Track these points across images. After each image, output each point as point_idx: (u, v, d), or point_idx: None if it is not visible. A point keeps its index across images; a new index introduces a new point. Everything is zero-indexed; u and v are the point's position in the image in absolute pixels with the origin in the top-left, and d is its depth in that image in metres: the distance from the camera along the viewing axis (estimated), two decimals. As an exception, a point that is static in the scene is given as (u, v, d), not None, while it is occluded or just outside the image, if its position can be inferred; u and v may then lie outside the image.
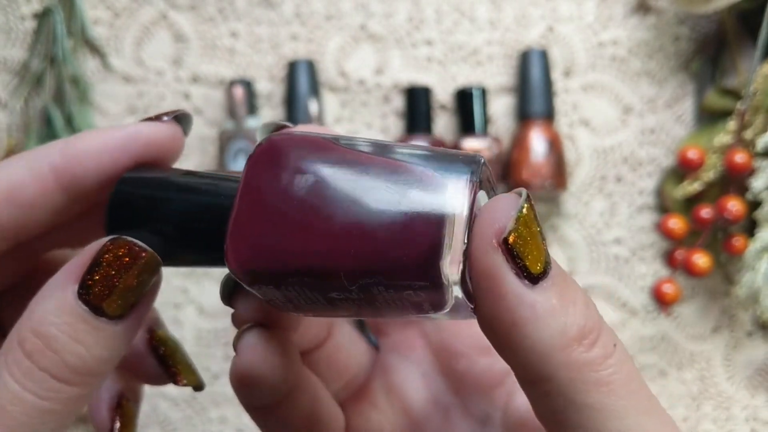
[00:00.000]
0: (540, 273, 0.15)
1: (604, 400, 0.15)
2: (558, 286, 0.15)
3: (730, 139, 0.52)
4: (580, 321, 0.15)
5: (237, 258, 0.17)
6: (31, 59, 0.57)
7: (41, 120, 0.56)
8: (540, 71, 0.56)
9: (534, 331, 0.15)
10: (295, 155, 0.17)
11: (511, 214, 0.15)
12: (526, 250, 0.15)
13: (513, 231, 0.15)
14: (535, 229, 0.15)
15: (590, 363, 0.15)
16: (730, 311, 0.57)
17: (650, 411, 0.16)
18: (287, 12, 0.58)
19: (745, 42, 0.55)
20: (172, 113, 0.21)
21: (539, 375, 0.16)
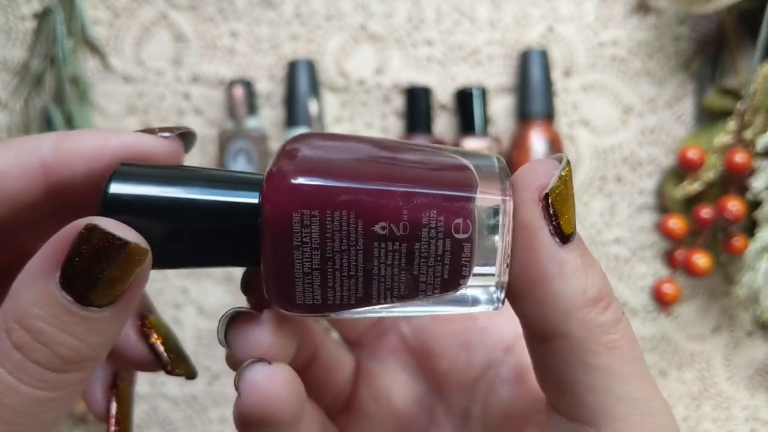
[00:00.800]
0: (570, 234, 0.16)
1: (612, 362, 0.16)
2: (581, 250, 0.16)
3: (730, 139, 0.52)
4: (599, 284, 0.16)
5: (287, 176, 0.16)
6: (31, 59, 0.57)
7: (41, 120, 0.56)
8: (540, 71, 0.56)
9: (559, 286, 0.16)
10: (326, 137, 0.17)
11: (553, 173, 0.16)
12: (563, 210, 0.16)
13: (554, 189, 0.16)
14: (572, 192, 0.16)
15: (604, 325, 0.16)
16: (730, 311, 0.57)
17: (648, 379, 0.17)
18: (287, 12, 0.58)
19: (745, 42, 0.55)
20: (177, 130, 0.19)
21: (557, 331, 0.16)
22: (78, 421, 0.55)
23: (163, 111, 0.57)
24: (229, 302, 0.57)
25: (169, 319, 0.57)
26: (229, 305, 0.57)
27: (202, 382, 0.57)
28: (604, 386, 0.16)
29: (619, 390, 0.16)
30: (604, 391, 0.16)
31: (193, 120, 0.57)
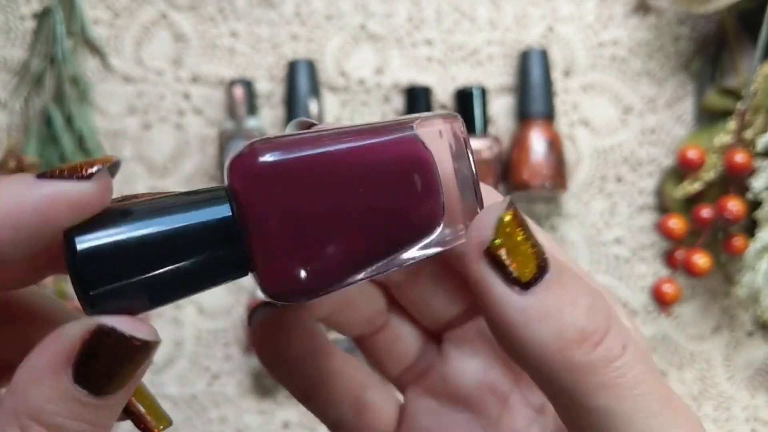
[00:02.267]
0: (531, 278, 0.15)
1: (611, 403, 0.15)
2: (554, 288, 0.15)
3: (730, 139, 0.52)
4: (580, 323, 0.15)
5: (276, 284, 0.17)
6: (31, 59, 0.57)
7: (41, 120, 0.56)
8: (540, 71, 0.56)
9: (529, 335, 0.15)
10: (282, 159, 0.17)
11: (492, 225, 0.15)
12: (511, 258, 0.15)
13: (493, 241, 0.15)
14: (520, 238, 0.15)
15: (592, 365, 0.15)
16: (730, 311, 0.57)
17: (663, 413, 0.16)
18: (287, 12, 0.58)
19: (745, 42, 0.55)
20: (99, 163, 0.16)
21: (542, 377, 0.16)
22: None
23: (163, 111, 0.57)
24: (230, 302, 0.57)
25: (169, 319, 0.57)
26: (229, 305, 0.57)
27: (202, 382, 0.57)
28: (606, 426, 0.15)
29: (623, 429, 0.15)
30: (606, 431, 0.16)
31: (193, 120, 0.58)
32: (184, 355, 0.57)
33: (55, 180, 0.15)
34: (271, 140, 0.17)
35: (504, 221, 0.15)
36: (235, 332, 0.57)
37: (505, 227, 0.15)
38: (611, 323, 0.16)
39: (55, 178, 0.15)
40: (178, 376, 0.57)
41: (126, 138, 0.58)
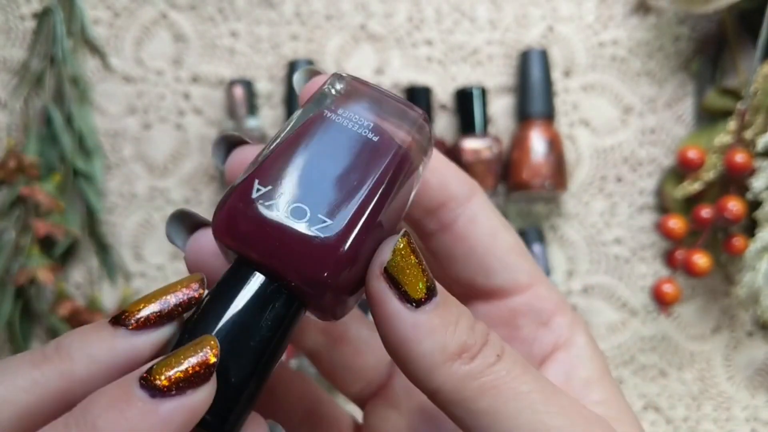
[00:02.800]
0: (421, 297, 0.17)
1: (493, 403, 0.17)
2: (440, 309, 0.17)
3: (730, 139, 0.52)
4: (461, 338, 0.17)
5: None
6: (31, 59, 0.57)
7: (41, 120, 0.56)
8: (540, 71, 0.56)
9: (418, 348, 0.17)
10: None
11: (389, 248, 0.17)
12: (405, 278, 0.17)
13: (391, 261, 0.17)
14: (413, 260, 0.17)
15: (472, 373, 0.17)
16: (730, 311, 0.57)
17: (550, 408, 0.17)
18: (287, 12, 0.58)
19: (745, 42, 0.55)
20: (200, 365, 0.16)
21: (429, 387, 0.17)
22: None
23: (163, 111, 0.57)
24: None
25: (169, 319, 0.57)
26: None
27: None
28: (494, 427, 0.17)
29: (512, 426, 0.17)
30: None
31: (193, 120, 0.58)
32: (184, 355, 0.57)
33: (170, 398, 0.15)
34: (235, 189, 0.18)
35: (399, 246, 0.17)
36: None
37: (401, 251, 0.17)
38: (489, 339, 0.18)
39: (167, 394, 0.15)
40: (178, 376, 0.57)
41: (126, 138, 0.58)
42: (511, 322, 0.23)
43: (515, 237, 0.23)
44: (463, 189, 0.22)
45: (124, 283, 0.57)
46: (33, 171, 0.54)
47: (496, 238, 0.22)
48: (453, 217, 0.22)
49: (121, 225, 0.58)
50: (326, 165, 0.18)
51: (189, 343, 0.16)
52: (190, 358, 0.15)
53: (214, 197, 0.57)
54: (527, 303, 0.23)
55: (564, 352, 0.22)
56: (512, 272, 0.22)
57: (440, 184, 0.22)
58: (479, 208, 0.22)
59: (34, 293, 0.55)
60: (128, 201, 0.58)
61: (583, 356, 0.22)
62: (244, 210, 0.17)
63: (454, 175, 0.22)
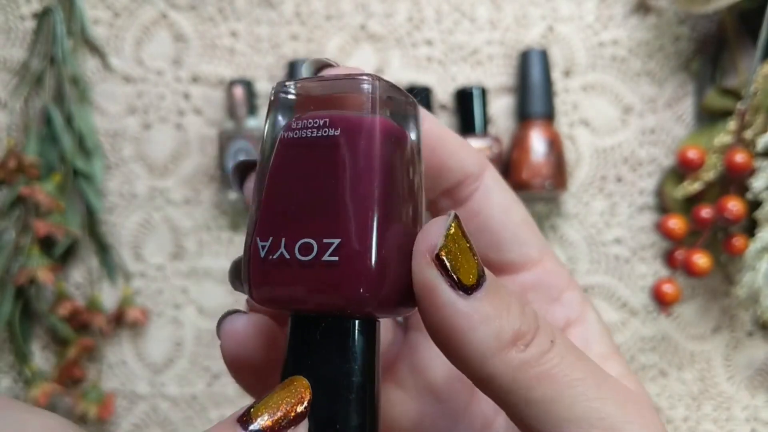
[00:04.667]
0: (473, 284, 0.17)
1: (549, 391, 0.17)
2: (492, 296, 0.17)
3: (730, 139, 0.52)
4: (515, 325, 0.17)
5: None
6: (31, 59, 0.57)
7: (41, 120, 0.56)
8: (540, 71, 0.56)
9: (472, 336, 0.17)
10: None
11: (441, 232, 0.17)
12: (458, 264, 0.17)
13: (443, 247, 0.17)
14: (465, 245, 0.17)
15: (528, 361, 0.17)
16: (730, 311, 0.57)
17: (603, 394, 0.17)
18: (287, 12, 0.57)
19: (745, 42, 0.55)
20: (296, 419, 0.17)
21: (483, 377, 0.17)
22: (78, 421, 0.55)
23: (163, 111, 0.57)
24: (230, 302, 0.57)
25: (169, 319, 0.57)
26: (229, 305, 0.57)
27: (202, 382, 0.57)
28: (550, 416, 0.17)
29: (568, 414, 0.17)
30: (551, 421, 0.17)
31: (193, 120, 0.58)
32: (184, 355, 0.57)
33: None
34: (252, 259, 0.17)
35: (451, 231, 0.17)
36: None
37: (452, 236, 0.17)
38: (539, 323, 0.18)
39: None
40: (178, 376, 0.57)
41: (126, 138, 0.58)
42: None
43: (526, 212, 0.23)
44: (477, 165, 0.22)
45: (124, 283, 0.57)
46: (33, 171, 0.54)
47: (508, 212, 0.22)
48: (468, 193, 0.22)
49: (121, 225, 0.58)
50: (307, 187, 0.17)
51: (280, 385, 0.17)
52: (287, 398, 0.16)
53: (214, 197, 0.57)
54: (538, 278, 0.22)
55: (578, 327, 0.22)
56: (524, 246, 0.22)
57: (458, 164, 0.22)
58: (492, 182, 0.22)
59: (34, 293, 0.55)
60: (128, 201, 0.58)
61: (596, 332, 0.22)
62: (262, 273, 0.17)
63: (468, 153, 0.22)
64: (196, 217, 0.57)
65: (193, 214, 0.57)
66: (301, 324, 0.17)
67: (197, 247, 0.58)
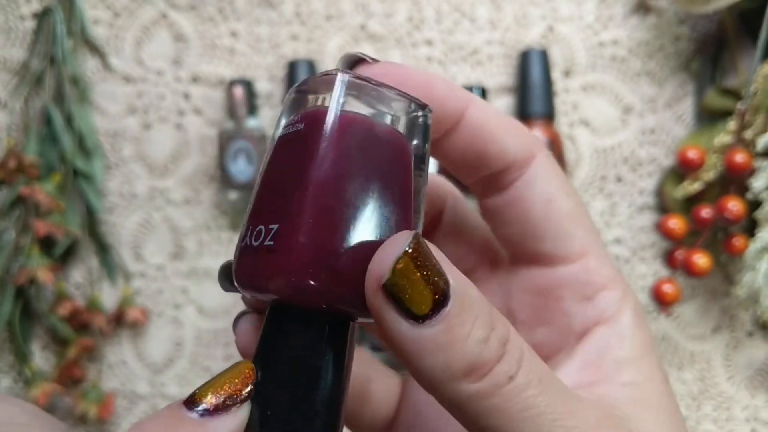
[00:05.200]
0: (426, 313, 0.16)
1: (501, 423, 0.16)
2: (450, 321, 0.16)
3: (730, 139, 0.52)
4: (470, 356, 0.16)
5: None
6: (30, 59, 0.57)
7: (41, 120, 0.56)
8: (540, 71, 0.56)
9: (421, 365, 0.16)
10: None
11: (389, 264, 0.16)
12: (406, 296, 0.16)
13: (389, 280, 0.16)
14: (416, 277, 0.16)
15: (480, 393, 0.16)
16: (730, 311, 0.57)
17: (566, 425, 0.16)
18: (287, 12, 0.57)
19: (745, 42, 0.55)
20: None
21: (439, 399, 0.17)
22: (78, 421, 0.55)
23: (163, 111, 0.57)
24: (230, 302, 0.57)
25: (169, 319, 0.57)
26: (229, 305, 0.57)
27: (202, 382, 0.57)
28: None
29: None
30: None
31: (193, 120, 0.58)
32: (184, 355, 0.57)
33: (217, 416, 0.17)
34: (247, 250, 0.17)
35: (400, 264, 0.16)
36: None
37: (403, 266, 0.16)
38: (504, 350, 0.17)
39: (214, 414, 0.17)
40: (178, 376, 0.57)
41: (126, 138, 0.58)
42: (554, 293, 0.22)
43: (574, 204, 0.22)
44: (522, 153, 0.21)
45: (124, 283, 0.57)
46: (33, 171, 0.54)
47: (551, 203, 0.21)
48: (509, 181, 0.22)
49: (121, 225, 0.58)
50: (275, 179, 0.17)
51: (226, 369, 0.17)
52: (231, 380, 0.17)
53: (214, 197, 0.57)
54: (573, 274, 0.22)
55: (605, 327, 0.21)
56: (564, 240, 0.21)
57: (498, 152, 0.21)
58: (538, 171, 0.21)
59: (34, 293, 0.55)
60: (128, 201, 0.58)
61: (624, 334, 0.21)
62: (236, 258, 0.18)
63: (513, 140, 0.21)
64: (196, 217, 0.57)
65: (193, 214, 0.57)
66: (271, 311, 0.18)
67: (197, 247, 0.58)
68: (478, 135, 0.21)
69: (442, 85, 0.21)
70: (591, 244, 0.21)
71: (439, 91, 0.20)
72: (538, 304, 0.22)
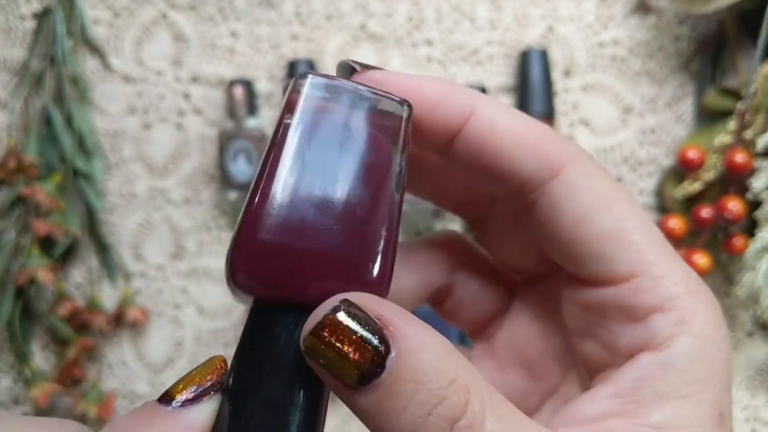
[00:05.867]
0: (357, 381, 0.15)
1: None
2: (380, 395, 0.15)
3: (730, 139, 0.52)
4: (407, 428, 0.15)
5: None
6: (31, 59, 0.57)
7: (41, 120, 0.56)
8: (540, 71, 0.56)
9: (368, 425, 0.15)
10: None
11: (307, 331, 0.16)
12: (330, 367, 0.15)
13: (305, 350, 0.16)
14: (330, 355, 0.15)
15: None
16: (730, 311, 0.57)
17: None
18: (287, 12, 0.58)
19: (745, 42, 0.55)
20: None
21: None
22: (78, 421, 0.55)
23: (163, 111, 0.58)
24: (230, 302, 0.57)
25: (169, 319, 0.57)
26: (229, 305, 0.57)
27: (202, 382, 0.57)
28: None
29: None
30: None
31: (193, 120, 0.58)
32: (184, 355, 0.57)
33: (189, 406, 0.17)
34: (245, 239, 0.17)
35: (307, 344, 0.15)
36: (235, 332, 0.57)
37: (309, 345, 0.15)
38: (455, 425, 0.15)
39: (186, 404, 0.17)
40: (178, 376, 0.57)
41: (126, 138, 0.58)
42: (601, 311, 0.20)
43: (618, 218, 0.19)
44: (541, 168, 0.19)
45: (124, 283, 0.57)
46: (33, 171, 0.54)
47: (583, 224, 0.19)
48: (530, 201, 0.19)
49: (121, 225, 0.58)
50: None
51: (199, 365, 0.18)
52: (202, 373, 0.17)
53: (214, 197, 0.57)
54: (618, 296, 0.19)
55: (651, 354, 0.18)
56: (604, 262, 0.19)
57: (508, 169, 0.19)
58: (564, 187, 0.19)
59: (34, 293, 0.55)
60: (128, 201, 0.58)
61: (672, 365, 0.18)
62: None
63: (529, 153, 0.19)
64: (196, 217, 0.58)
65: (193, 214, 0.58)
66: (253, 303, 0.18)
67: (197, 247, 0.58)
68: (482, 148, 0.19)
69: (435, 88, 0.19)
70: (645, 262, 0.18)
71: (432, 96, 0.19)
72: (587, 318, 0.20)
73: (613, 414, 0.18)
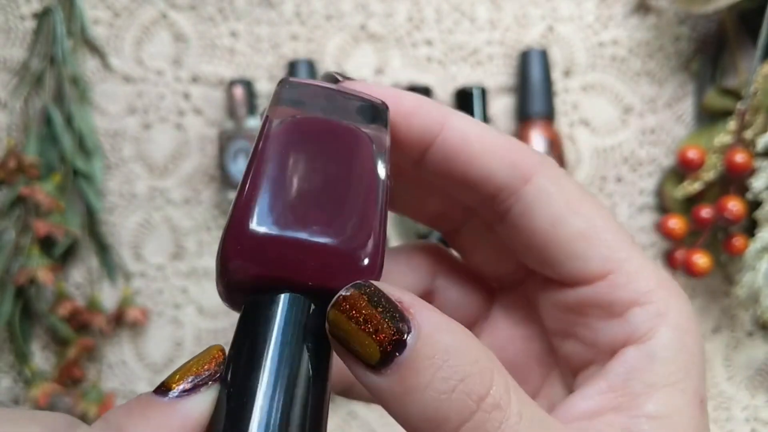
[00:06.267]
0: (379, 361, 0.15)
1: None
2: (402, 373, 0.15)
3: (730, 139, 0.52)
4: (427, 410, 0.15)
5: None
6: (30, 59, 0.57)
7: (41, 120, 0.56)
8: (540, 71, 0.56)
9: (390, 408, 0.15)
10: None
11: (331, 305, 0.16)
12: (351, 344, 0.15)
13: (329, 329, 0.15)
14: (352, 328, 0.15)
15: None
16: (730, 311, 0.57)
17: None
18: (287, 12, 0.58)
19: (745, 42, 0.55)
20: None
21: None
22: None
23: (163, 111, 0.57)
24: (229, 302, 0.57)
25: (169, 319, 0.57)
26: (229, 305, 0.57)
27: (202, 382, 0.57)
28: None
29: None
30: None
31: (193, 120, 0.58)
32: (184, 355, 0.58)
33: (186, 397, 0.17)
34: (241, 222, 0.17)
35: (330, 317, 0.15)
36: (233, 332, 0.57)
37: (334, 319, 0.15)
38: (477, 410, 0.15)
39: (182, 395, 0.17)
40: (178, 376, 0.57)
41: (126, 138, 0.58)
42: (580, 310, 0.20)
43: (587, 220, 0.19)
44: (512, 176, 0.20)
45: (124, 283, 0.57)
46: (33, 171, 0.54)
47: (557, 225, 0.19)
48: (504, 208, 0.20)
49: (121, 225, 0.58)
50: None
51: (196, 355, 0.18)
52: (199, 363, 0.17)
53: (214, 197, 0.57)
54: (596, 293, 0.20)
55: (635, 348, 0.19)
56: (578, 262, 0.19)
57: (481, 177, 0.20)
58: (535, 193, 0.20)
59: (34, 293, 0.55)
60: (128, 201, 0.58)
61: (657, 357, 0.18)
62: None
63: (500, 162, 0.20)
64: (196, 217, 0.58)
65: (193, 214, 0.58)
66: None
67: (197, 247, 0.58)
68: (456, 157, 0.20)
69: (410, 99, 0.20)
70: (617, 259, 0.19)
71: (406, 107, 0.20)
72: (566, 318, 0.21)
73: (608, 408, 0.18)
